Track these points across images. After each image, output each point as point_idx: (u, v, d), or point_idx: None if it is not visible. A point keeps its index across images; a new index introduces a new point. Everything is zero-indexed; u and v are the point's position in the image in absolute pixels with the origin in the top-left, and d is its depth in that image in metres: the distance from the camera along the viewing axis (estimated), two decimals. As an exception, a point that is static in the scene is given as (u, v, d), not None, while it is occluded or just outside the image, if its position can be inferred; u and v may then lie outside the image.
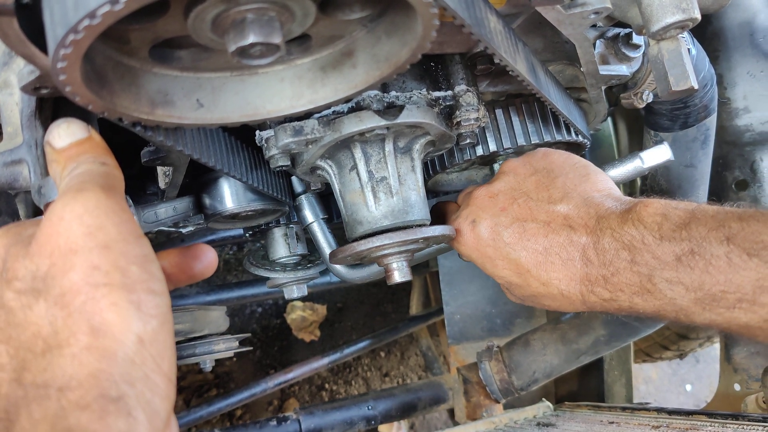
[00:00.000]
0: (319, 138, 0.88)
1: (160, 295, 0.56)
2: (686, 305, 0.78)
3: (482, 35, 0.63)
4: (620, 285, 0.83)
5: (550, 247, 0.90)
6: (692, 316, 0.79)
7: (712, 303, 0.76)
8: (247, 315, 2.88)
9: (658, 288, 0.80)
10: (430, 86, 0.93)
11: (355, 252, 0.93)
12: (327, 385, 2.84)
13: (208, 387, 2.70)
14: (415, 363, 2.95)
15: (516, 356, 1.53)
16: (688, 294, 0.78)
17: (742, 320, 0.75)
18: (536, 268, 0.91)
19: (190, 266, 0.75)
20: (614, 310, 0.86)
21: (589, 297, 0.87)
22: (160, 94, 0.65)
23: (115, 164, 0.64)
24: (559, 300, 0.91)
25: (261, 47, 0.56)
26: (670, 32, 0.78)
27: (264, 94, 0.71)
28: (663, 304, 0.80)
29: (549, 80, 0.92)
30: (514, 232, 0.93)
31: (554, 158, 0.99)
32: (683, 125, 1.20)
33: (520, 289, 0.95)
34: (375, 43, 0.67)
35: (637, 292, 0.82)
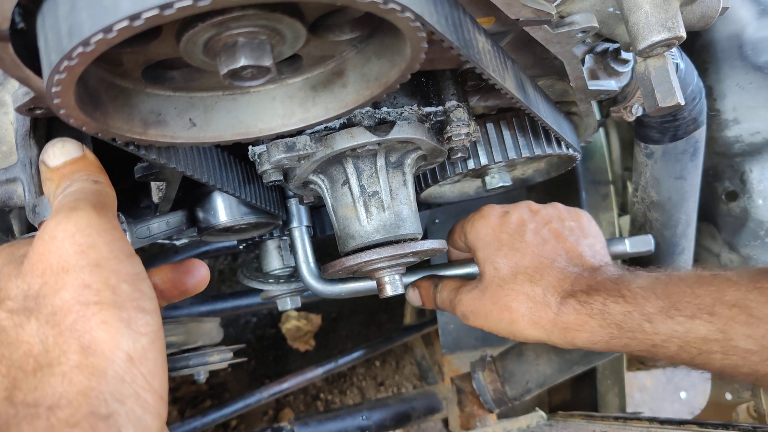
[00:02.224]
0: (311, 154, 0.89)
1: (151, 313, 0.56)
2: (653, 312, 0.89)
3: (471, 56, 0.64)
4: (600, 289, 0.95)
5: (555, 258, 1.04)
6: (657, 324, 0.88)
7: (675, 312, 0.86)
8: (242, 325, 2.88)
9: (632, 293, 0.92)
10: (421, 102, 0.94)
11: (346, 266, 0.94)
12: (322, 395, 2.84)
13: (203, 398, 2.69)
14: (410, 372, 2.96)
15: (509, 366, 1.53)
16: (657, 301, 0.89)
17: (700, 332, 0.84)
18: (533, 269, 1.02)
19: (183, 281, 0.76)
20: (581, 320, 0.95)
21: (565, 303, 0.97)
22: (153, 114, 0.66)
23: (108, 182, 0.65)
24: (531, 306, 1.00)
25: (252, 70, 0.57)
26: (656, 50, 0.79)
27: (256, 113, 0.72)
28: (632, 310, 0.91)
29: (538, 95, 0.94)
30: (537, 235, 1.07)
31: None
32: (673, 137, 1.21)
33: (496, 289, 1.03)
34: (365, 63, 0.68)
35: (613, 295, 0.93)
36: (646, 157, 1.27)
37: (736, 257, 1.50)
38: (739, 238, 1.48)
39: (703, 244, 1.58)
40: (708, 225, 1.56)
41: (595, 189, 1.74)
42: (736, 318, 0.82)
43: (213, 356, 1.52)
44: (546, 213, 1.13)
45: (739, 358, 0.82)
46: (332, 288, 1.23)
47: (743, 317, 0.81)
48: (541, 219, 1.11)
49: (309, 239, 1.24)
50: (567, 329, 0.97)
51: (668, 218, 1.31)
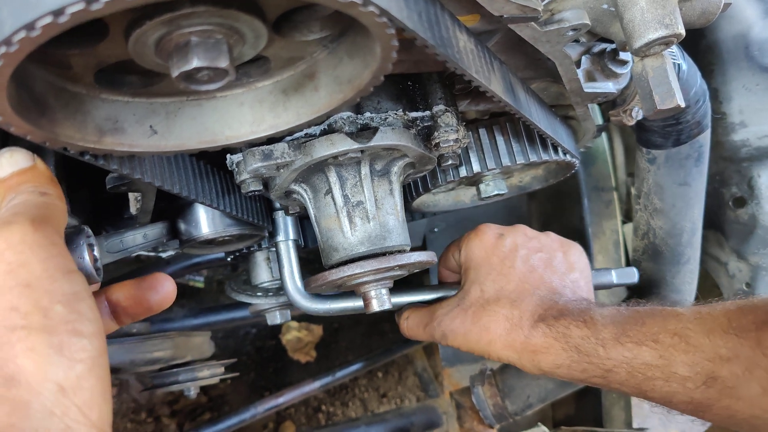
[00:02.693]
0: (289, 162, 0.84)
1: (89, 337, 0.51)
2: (607, 338, 0.93)
3: (449, 55, 0.59)
4: (567, 315, 0.99)
5: (538, 287, 1.07)
6: (609, 349, 0.92)
7: (626, 338, 0.91)
8: (242, 336, 2.83)
9: (593, 320, 0.96)
10: (407, 106, 0.90)
11: (328, 281, 0.89)
12: (323, 407, 2.79)
13: (202, 410, 2.64)
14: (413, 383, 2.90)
15: (509, 380, 1.48)
16: (612, 328, 0.93)
17: (645, 357, 0.88)
18: (516, 294, 1.06)
19: (146, 298, 0.71)
20: (547, 342, 0.99)
21: (536, 327, 1.01)
22: (109, 121, 0.62)
23: (58, 194, 0.60)
24: (508, 327, 1.03)
25: (208, 72, 0.52)
26: (653, 48, 0.74)
27: (223, 119, 0.67)
28: (590, 334, 0.95)
29: (531, 99, 0.89)
30: (526, 263, 1.10)
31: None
32: (676, 142, 1.16)
33: (479, 310, 1.06)
34: (337, 64, 0.63)
35: (576, 320, 0.97)
36: (648, 163, 1.22)
37: (745, 266, 1.45)
38: (748, 245, 1.43)
39: (710, 252, 1.52)
40: (715, 233, 1.50)
41: (597, 196, 1.69)
42: (677, 346, 0.86)
43: (203, 371, 1.48)
44: (539, 241, 1.15)
45: (677, 385, 0.85)
46: (320, 305, 1.18)
47: (682, 345, 0.85)
48: (533, 246, 1.13)
49: (296, 253, 1.19)
50: (535, 352, 1.00)
51: (672, 226, 1.26)
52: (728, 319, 0.84)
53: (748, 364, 0.79)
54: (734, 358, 0.80)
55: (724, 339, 0.82)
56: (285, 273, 1.17)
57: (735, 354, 0.80)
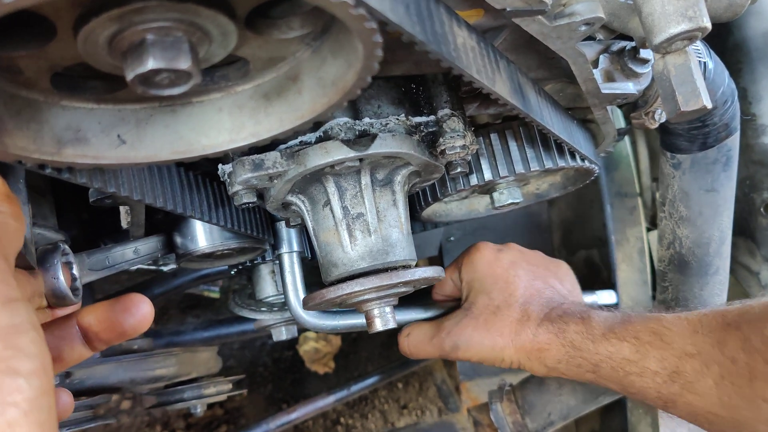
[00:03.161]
0: (282, 172, 0.78)
1: (27, 376, 0.45)
2: (597, 334, 0.99)
3: (442, 53, 0.53)
4: (569, 313, 1.05)
5: (543, 290, 1.13)
6: (597, 344, 0.98)
7: (612, 335, 0.97)
8: (258, 347, 2.78)
9: (590, 318, 1.02)
10: (410, 111, 0.83)
11: (326, 299, 0.83)
12: (342, 419, 2.72)
13: (218, 423, 2.60)
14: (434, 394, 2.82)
15: (530, 396, 1.41)
16: (602, 326, 1.00)
17: (625, 352, 0.95)
18: (525, 298, 1.10)
19: (119, 321, 0.65)
20: (550, 339, 1.04)
21: (541, 326, 1.06)
22: (70, 131, 0.56)
23: (12, 212, 0.54)
24: (518, 330, 1.07)
25: (167, 74, 0.47)
26: (675, 44, 0.67)
27: (199, 127, 0.61)
28: (584, 330, 1.01)
29: (543, 101, 0.82)
30: (527, 274, 1.15)
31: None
32: (702, 146, 1.08)
33: (490, 317, 1.09)
34: (320, 64, 0.57)
35: (575, 319, 1.03)
36: (673, 168, 1.14)
37: (778, 275, 1.36)
38: (781, 254, 1.34)
39: (740, 261, 1.44)
40: (746, 240, 1.42)
41: (621, 202, 1.61)
42: (652, 342, 0.92)
43: (209, 389, 1.42)
44: (532, 257, 1.21)
45: (649, 380, 0.92)
46: (326, 322, 1.12)
47: (657, 342, 0.92)
48: (528, 260, 1.19)
49: (300, 266, 1.13)
50: (540, 350, 1.05)
51: (700, 235, 1.18)
52: (700, 321, 0.89)
53: (706, 360, 0.85)
54: (696, 354, 0.86)
55: (692, 338, 0.88)
56: (288, 287, 1.11)
57: (697, 351, 0.86)
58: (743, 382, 0.80)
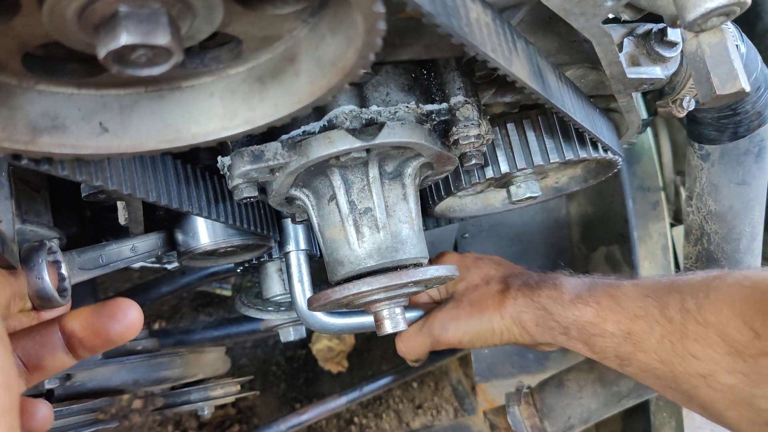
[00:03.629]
0: (284, 164, 0.73)
1: None
2: (566, 300, 1.04)
3: (453, 27, 0.47)
4: (543, 280, 1.11)
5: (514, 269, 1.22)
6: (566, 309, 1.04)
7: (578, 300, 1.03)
8: (271, 346, 2.74)
9: (561, 284, 1.07)
10: (421, 98, 0.78)
11: (332, 300, 0.78)
12: (356, 419, 2.68)
13: (230, 423, 2.56)
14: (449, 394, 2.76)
15: (549, 399, 1.36)
16: (571, 293, 1.05)
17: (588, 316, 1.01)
18: (503, 271, 1.19)
19: (105, 328, 0.60)
20: (527, 304, 1.09)
21: (520, 292, 1.10)
22: (47, 118, 0.51)
23: None
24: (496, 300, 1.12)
25: (145, 51, 0.41)
26: (711, 21, 0.61)
27: (188, 114, 0.56)
28: (556, 296, 1.06)
29: (564, 86, 0.76)
30: (492, 261, 1.24)
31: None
32: (733, 136, 1.02)
33: (472, 293, 1.15)
34: (319, 43, 0.51)
35: (549, 286, 1.08)
36: (701, 160, 1.08)
37: (812, 273, 1.29)
38: (816, 250, 1.27)
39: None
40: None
41: (643, 196, 1.55)
42: (611, 306, 0.99)
43: (216, 390, 1.38)
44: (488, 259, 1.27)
45: (609, 340, 0.98)
46: (334, 322, 1.07)
47: (614, 306, 0.98)
48: (491, 257, 1.27)
49: (307, 264, 1.08)
50: (519, 313, 1.09)
51: (729, 231, 1.12)
52: (652, 286, 0.97)
53: (650, 321, 0.93)
54: (644, 316, 0.94)
55: (642, 301, 0.95)
56: (294, 287, 1.06)
57: (645, 313, 0.94)
58: (676, 340, 0.89)
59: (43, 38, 0.46)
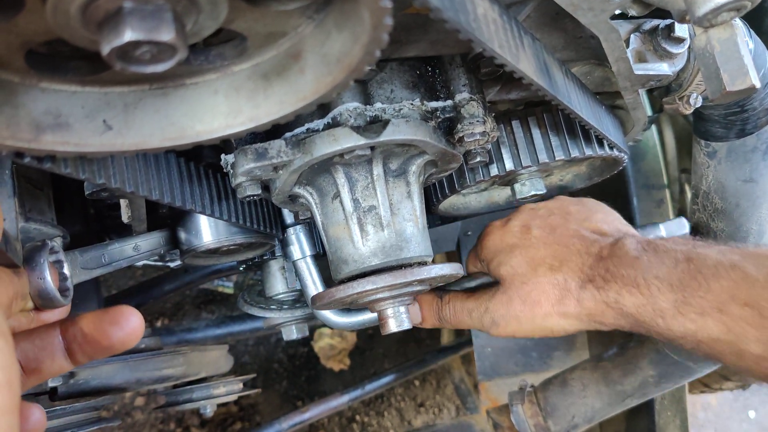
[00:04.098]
0: (287, 162, 0.72)
1: None
2: (666, 307, 0.82)
3: (460, 22, 0.47)
4: (617, 275, 0.88)
5: (568, 241, 0.96)
6: (669, 320, 0.82)
7: (687, 308, 0.80)
8: (273, 343, 2.73)
9: (647, 283, 0.84)
10: (425, 95, 0.77)
11: (336, 298, 0.77)
12: (358, 417, 2.68)
13: (232, 420, 2.56)
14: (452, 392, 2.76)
15: (552, 398, 1.36)
16: (670, 294, 0.82)
17: (711, 331, 0.78)
18: (551, 257, 0.95)
19: (107, 334, 0.60)
20: (600, 307, 0.90)
21: (584, 289, 0.91)
22: (50, 116, 0.51)
23: None
24: (558, 294, 0.93)
25: (149, 48, 0.41)
26: (721, 16, 0.60)
27: (192, 112, 0.55)
28: (646, 303, 0.84)
29: (570, 83, 0.75)
30: (543, 228, 0.99)
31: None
32: (740, 133, 1.01)
33: (521, 287, 0.97)
34: (325, 39, 0.51)
35: (628, 284, 0.86)
36: (707, 157, 1.07)
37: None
38: (822, 249, 1.26)
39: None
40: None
41: (648, 194, 1.54)
42: (748, 319, 0.75)
43: (219, 389, 1.37)
44: (546, 207, 1.05)
45: (752, 362, 0.77)
46: (350, 319, 1.06)
47: (755, 318, 0.74)
48: (543, 213, 1.03)
49: (316, 267, 1.08)
50: (591, 315, 0.92)
51: (736, 229, 1.11)
52: None
53: None
54: None
55: None
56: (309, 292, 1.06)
57: None
58: None
59: (46, 35, 0.46)
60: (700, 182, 1.11)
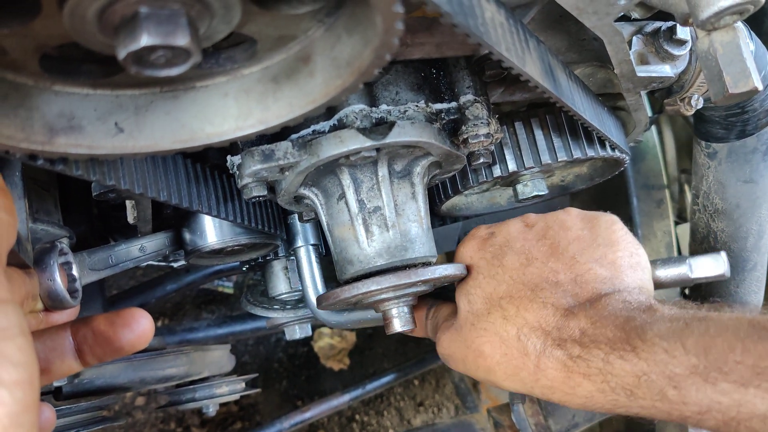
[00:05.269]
0: (294, 163, 0.73)
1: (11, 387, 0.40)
2: (681, 374, 0.62)
3: (470, 27, 0.47)
4: (599, 338, 0.69)
5: (538, 284, 0.78)
6: (687, 391, 0.61)
7: (719, 375, 0.59)
8: (273, 343, 2.74)
9: (648, 344, 0.64)
10: (430, 97, 0.78)
11: (341, 299, 0.78)
12: (357, 416, 2.68)
13: (233, 420, 2.56)
14: (451, 391, 2.77)
15: (553, 397, 1.35)
16: (687, 358, 0.62)
17: (758, 407, 0.57)
18: (507, 300, 0.79)
19: (118, 336, 0.61)
20: (574, 380, 0.69)
21: (548, 355, 0.72)
22: (63, 118, 0.51)
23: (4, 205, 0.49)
24: (506, 351, 0.76)
25: (164, 52, 0.42)
26: (724, 20, 0.61)
27: (203, 114, 0.56)
28: (650, 371, 0.63)
29: (574, 85, 0.76)
30: (519, 256, 0.82)
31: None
32: (740, 134, 1.02)
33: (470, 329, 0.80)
34: (335, 43, 0.51)
35: (619, 348, 0.66)
36: (708, 158, 1.08)
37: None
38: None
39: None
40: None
41: (648, 194, 1.55)
42: None
43: (221, 388, 1.38)
44: (545, 224, 0.88)
45: None
46: (346, 317, 1.07)
47: None
48: (535, 233, 0.86)
49: (317, 259, 1.08)
50: (552, 389, 0.73)
51: (736, 229, 1.12)
52: None
53: None
54: None
55: None
56: (306, 282, 1.07)
57: None
58: None
59: (61, 39, 0.46)
60: (700, 183, 1.12)
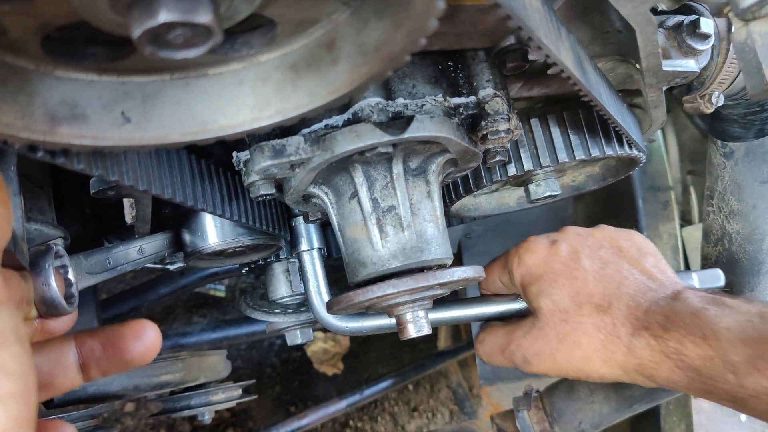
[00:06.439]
0: (306, 159, 0.69)
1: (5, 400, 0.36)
2: (738, 361, 0.74)
3: (513, 10, 0.44)
4: (678, 323, 0.80)
5: (621, 281, 0.89)
6: (743, 376, 0.73)
7: (762, 361, 0.71)
8: (266, 347, 2.69)
9: (715, 334, 0.76)
10: (448, 91, 0.74)
11: (354, 303, 0.74)
12: (351, 422, 2.64)
13: (225, 426, 2.51)
14: (446, 396, 2.73)
15: (559, 404, 1.33)
16: (744, 348, 0.73)
17: None
18: (599, 296, 0.88)
19: (127, 348, 0.57)
20: (656, 357, 0.82)
21: (637, 336, 0.84)
22: (66, 106, 0.47)
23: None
24: (603, 338, 0.87)
25: (183, 30, 0.38)
26: (766, 8, 0.58)
27: (216, 104, 0.52)
28: (714, 355, 0.76)
29: (600, 79, 0.73)
30: (594, 259, 0.93)
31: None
32: (759, 133, 0.99)
33: (560, 325, 0.90)
34: (362, 27, 0.48)
35: (693, 334, 0.79)
36: (724, 158, 1.05)
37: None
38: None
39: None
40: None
41: (653, 196, 1.52)
42: None
43: (218, 395, 1.34)
44: (594, 236, 0.98)
45: None
46: (352, 324, 1.03)
47: None
48: (593, 242, 0.96)
49: (321, 264, 1.04)
50: (642, 366, 0.84)
51: (752, 230, 1.09)
52: None
53: None
54: None
55: None
56: (310, 287, 1.03)
57: None
58: None
59: (67, 17, 0.42)
60: (715, 183, 1.09)
